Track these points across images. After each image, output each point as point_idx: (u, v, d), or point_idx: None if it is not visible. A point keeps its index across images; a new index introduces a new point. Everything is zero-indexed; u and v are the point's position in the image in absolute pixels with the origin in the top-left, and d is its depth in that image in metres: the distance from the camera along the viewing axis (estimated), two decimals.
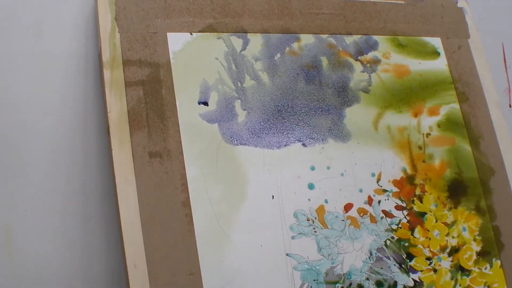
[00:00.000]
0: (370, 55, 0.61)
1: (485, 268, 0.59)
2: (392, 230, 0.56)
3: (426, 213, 0.58)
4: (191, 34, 0.53)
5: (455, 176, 0.61)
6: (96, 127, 0.53)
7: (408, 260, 0.56)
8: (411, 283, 0.55)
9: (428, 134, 0.61)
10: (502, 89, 0.76)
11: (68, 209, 0.52)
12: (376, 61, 0.61)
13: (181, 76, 0.51)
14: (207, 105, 0.52)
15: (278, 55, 0.56)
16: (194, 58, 0.53)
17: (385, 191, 0.57)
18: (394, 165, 0.58)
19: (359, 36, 0.61)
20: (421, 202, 0.59)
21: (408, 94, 0.62)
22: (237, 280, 0.48)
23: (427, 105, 0.62)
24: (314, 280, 0.51)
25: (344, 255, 0.53)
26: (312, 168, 0.55)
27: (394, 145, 0.59)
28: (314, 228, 0.53)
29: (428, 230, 0.58)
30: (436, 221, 0.59)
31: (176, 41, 0.52)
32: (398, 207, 0.57)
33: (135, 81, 0.50)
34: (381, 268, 0.54)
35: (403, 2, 0.65)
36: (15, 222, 0.50)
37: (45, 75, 0.52)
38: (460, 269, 0.58)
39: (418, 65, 0.63)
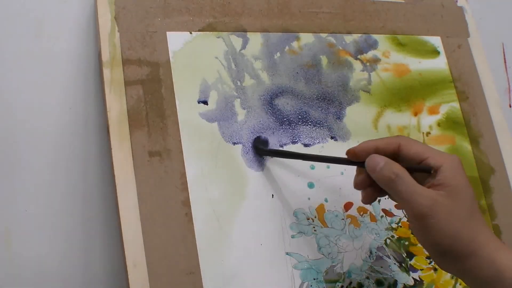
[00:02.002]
0: (370, 54, 0.61)
1: None
2: (392, 229, 0.56)
3: None
4: (190, 33, 0.53)
5: None
6: (96, 127, 0.53)
7: (408, 259, 0.56)
8: (411, 282, 0.55)
9: (428, 133, 0.61)
10: (502, 89, 0.76)
11: (68, 209, 0.52)
12: (376, 60, 0.61)
13: (180, 75, 0.51)
14: (207, 104, 0.52)
15: (278, 54, 0.56)
16: (194, 57, 0.53)
17: None
18: None
19: (359, 35, 0.61)
20: None
21: (408, 93, 0.62)
22: (237, 279, 0.48)
23: (427, 104, 0.62)
24: (314, 279, 0.51)
25: (344, 254, 0.53)
26: (312, 167, 0.55)
27: None
28: (314, 227, 0.53)
29: None
30: None
31: (176, 40, 0.52)
32: (398, 206, 0.57)
33: (135, 80, 0.50)
34: (381, 267, 0.54)
35: (403, 1, 0.65)
36: (15, 222, 0.50)
37: (45, 75, 0.52)
38: None
39: (418, 64, 0.63)
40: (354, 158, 0.46)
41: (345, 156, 0.46)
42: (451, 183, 0.42)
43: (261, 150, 0.52)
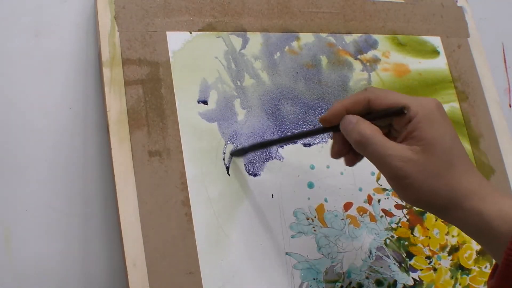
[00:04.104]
0: (370, 54, 0.61)
1: (485, 267, 0.59)
2: (392, 229, 0.56)
3: (426, 212, 0.58)
4: (190, 33, 0.53)
5: None
6: (96, 126, 0.53)
7: (408, 259, 0.56)
8: (411, 282, 0.55)
9: None
10: (502, 89, 0.76)
11: (68, 209, 0.52)
12: (376, 60, 0.61)
13: (180, 75, 0.51)
14: (207, 104, 0.52)
15: (278, 54, 0.56)
16: (194, 57, 0.53)
17: (384, 190, 0.57)
18: None
19: (359, 35, 0.61)
20: None
21: (407, 93, 0.61)
22: (237, 279, 0.48)
23: None
24: (314, 279, 0.51)
25: (344, 254, 0.53)
26: (312, 167, 0.55)
27: None
28: (313, 227, 0.53)
29: (428, 229, 0.58)
30: (436, 220, 0.59)
31: (176, 40, 0.52)
32: (397, 206, 0.57)
33: (135, 80, 0.50)
34: (381, 267, 0.54)
35: (403, 1, 0.65)
36: (15, 222, 0.50)
37: (45, 74, 0.52)
38: (460, 268, 0.58)
39: (417, 64, 0.63)
40: (328, 124, 0.43)
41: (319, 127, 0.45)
42: (426, 136, 0.39)
43: (237, 152, 0.51)
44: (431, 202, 0.40)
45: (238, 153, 0.51)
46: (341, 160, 0.56)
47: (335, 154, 0.45)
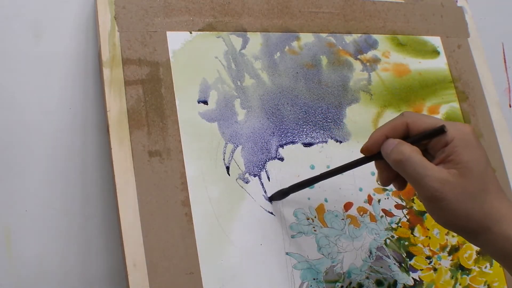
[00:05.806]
0: (370, 54, 0.61)
1: (485, 267, 0.59)
2: (392, 229, 0.56)
3: (426, 212, 0.58)
4: (190, 33, 0.53)
5: None
6: (96, 127, 0.53)
7: (408, 259, 0.56)
8: (411, 282, 0.55)
9: None
10: (502, 89, 0.76)
11: (68, 209, 0.52)
12: (376, 60, 0.61)
13: (180, 75, 0.51)
14: (207, 104, 0.52)
15: (278, 54, 0.56)
16: (194, 57, 0.53)
17: (385, 190, 0.57)
18: None
19: (359, 35, 0.61)
20: None
21: (407, 93, 0.61)
22: (237, 279, 0.48)
23: (427, 104, 0.62)
24: (314, 279, 0.51)
25: (344, 254, 0.53)
26: (312, 167, 0.55)
27: None
28: (314, 227, 0.53)
29: (428, 229, 0.58)
30: None
31: (176, 40, 0.52)
32: (398, 206, 0.57)
33: (135, 80, 0.50)
34: (381, 267, 0.54)
35: (403, 1, 0.65)
36: (15, 222, 0.50)
37: (45, 74, 0.52)
38: (460, 268, 0.58)
39: (417, 64, 0.63)
40: (369, 153, 0.44)
41: (360, 156, 0.45)
42: (462, 159, 0.40)
43: (279, 193, 0.51)
44: (464, 225, 0.41)
45: (277, 196, 0.51)
46: (341, 160, 0.56)
47: (385, 182, 0.46)
